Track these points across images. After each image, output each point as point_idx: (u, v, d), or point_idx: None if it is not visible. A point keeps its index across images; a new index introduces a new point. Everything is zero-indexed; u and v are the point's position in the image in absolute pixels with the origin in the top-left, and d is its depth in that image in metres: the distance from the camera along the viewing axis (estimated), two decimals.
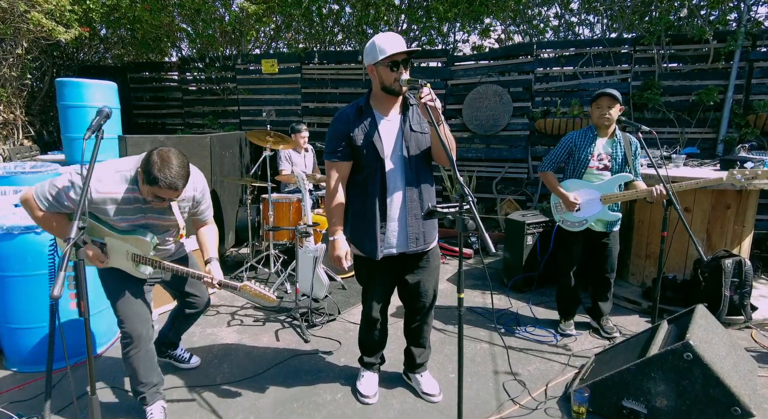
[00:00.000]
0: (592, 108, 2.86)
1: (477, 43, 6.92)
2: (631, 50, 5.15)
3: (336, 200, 2.17)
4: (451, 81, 5.91)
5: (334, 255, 2.16)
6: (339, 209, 2.18)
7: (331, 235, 2.19)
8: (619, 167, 2.86)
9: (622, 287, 3.78)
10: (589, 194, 2.87)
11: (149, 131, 7.42)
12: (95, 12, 5.77)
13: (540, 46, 5.64)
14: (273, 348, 2.97)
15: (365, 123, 2.10)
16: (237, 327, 3.26)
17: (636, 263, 3.82)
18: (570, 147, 2.93)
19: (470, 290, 3.99)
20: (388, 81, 2.03)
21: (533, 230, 3.87)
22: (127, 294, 2.10)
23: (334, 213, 2.18)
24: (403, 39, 2.01)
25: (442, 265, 4.67)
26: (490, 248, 1.49)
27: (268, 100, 6.74)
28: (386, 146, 2.09)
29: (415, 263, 2.26)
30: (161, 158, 1.77)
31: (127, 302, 2.09)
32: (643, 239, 3.73)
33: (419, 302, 2.34)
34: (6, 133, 5.81)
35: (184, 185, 1.85)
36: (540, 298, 3.80)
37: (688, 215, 3.47)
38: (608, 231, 2.94)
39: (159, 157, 1.77)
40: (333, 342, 3.04)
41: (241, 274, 4.14)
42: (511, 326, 3.31)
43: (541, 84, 5.57)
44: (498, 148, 5.86)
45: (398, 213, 2.12)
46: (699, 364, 1.95)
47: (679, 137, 5.05)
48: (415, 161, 2.12)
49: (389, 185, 2.10)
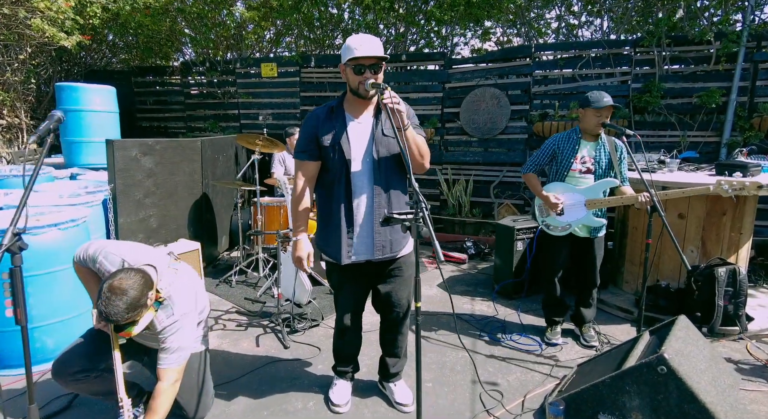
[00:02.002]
0: (587, 114, 2.76)
1: (477, 46, 6.86)
2: (632, 52, 5.03)
3: (300, 199, 2.14)
4: (448, 84, 5.85)
5: (295, 256, 2.13)
6: (303, 210, 2.14)
7: (294, 235, 2.16)
8: (604, 171, 2.78)
9: (615, 295, 3.68)
10: (573, 198, 2.80)
11: (152, 135, 7.51)
12: (96, 19, 5.85)
13: (538, 49, 5.55)
14: (251, 354, 2.95)
15: (335, 124, 2.07)
16: (219, 332, 3.24)
17: (630, 270, 3.71)
18: (553, 150, 2.86)
19: (459, 297, 3.92)
20: (353, 83, 1.99)
21: (523, 236, 3.80)
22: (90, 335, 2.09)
23: (298, 214, 2.15)
24: (379, 43, 1.97)
25: (435, 270, 4.61)
26: (439, 256, 1.44)
27: (267, 103, 6.78)
28: (354, 149, 2.05)
29: (386, 271, 2.21)
30: (111, 292, 1.68)
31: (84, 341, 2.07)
32: (637, 246, 3.63)
33: (392, 312, 2.29)
34: (10, 136, 5.94)
35: (125, 319, 1.71)
36: (530, 305, 3.71)
37: (682, 222, 3.36)
38: (592, 237, 2.86)
39: (110, 290, 1.68)
40: (313, 349, 3.01)
41: (230, 277, 4.14)
42: (496, 334, 3.23)
43: (539, 87, 5.49)
44: (496, 151, 5.78)
45: (364, 219, 2.08)
46: (674, 378, 1.86)
47: (681, 140, 4.91)
48: (385, 165, 2.07)
49: (355, 189, 2.06)
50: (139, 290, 1.73)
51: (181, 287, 2.01)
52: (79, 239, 2.69)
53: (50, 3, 5.18)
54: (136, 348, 2.18)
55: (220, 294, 3.89)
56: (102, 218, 3.44)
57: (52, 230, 2.56)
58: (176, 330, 1.93)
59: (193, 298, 2.05)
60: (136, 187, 3.61)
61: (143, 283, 1.76)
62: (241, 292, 3.95)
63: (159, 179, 3.82)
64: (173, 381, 1.93)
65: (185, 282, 2.05)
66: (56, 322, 2.62)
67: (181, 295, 1.98)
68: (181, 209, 4.11)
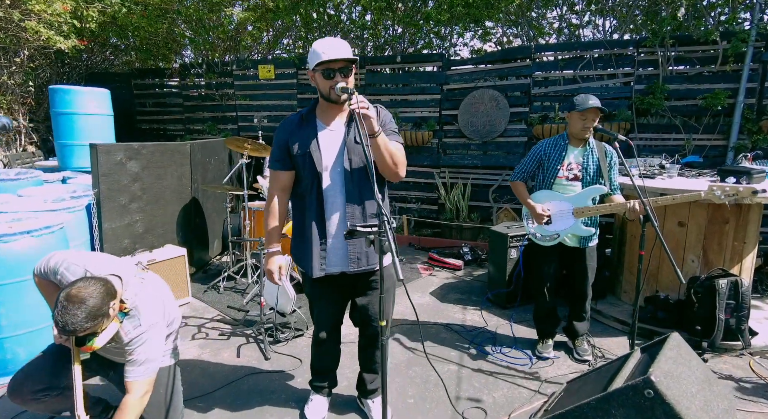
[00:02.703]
0: (573, 117, 2.67)
1: (477, 46, 6.73)
2: (635, 52, 4.88)
3: (272, 210, 2.05)
4: (447, 86, 5.74)
5: (266, 269, 2.05)
6: (275, 221, 2.06)
7: (266, 247, 2.07)
8: (592, 178, 2.66)
9: (613, 306, 3.54)
10: (560, 207, 2.67)
11: (152, 137, 7.51)
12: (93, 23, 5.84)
13: (539, 49, 5.42)
14: (231, 365, 2.86)
15: (305, 132, 1.98)
16: (200, 341, 3.17)
17: (628, 280, 3.57)
18: (540, 156, 2.75)
19: (451, 305, 3.80)
20: (324, 89, 1.90)
21: (517, 243, 3.67)
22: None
23: (270, 224, 2.07)
24: (347, 45, 1.87)
25: (429, 277, 4.50)
26: (398, 273, 1.33)
27: (265, 105, 6.72)
28: (325, 158, 1.96)
29: (363, 284, 2.11)
30: (68, 301, 1.60)
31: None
32: (636, 255, 3.47)
33: (369, 327, 2.19)
34: (7, 139, 5.94)
35: (84, 330, 1.63)
36: (524, 315, 3.58)
37: (682, 230, 3.21)
38: (582, 247, 2.74)
39: (66, 299, 1.61)
40: (294, 360, 2.91)
41: (218, 284, 4.07)
42: (485, 346, 3.12)
43: (539, 88, 5.35)
44: (495, 154, 5.65)
45: (337, 230, 1.98)
46: (661, 403, 1.73)
47: (686, 144, 4.75)
48: (358, 175, 1.97)
49: (327, 200, 1.97)
50: (100, 299, 1.64)
51: (148, 297, 1.93)
52: (53, 247, 2.62)
53: (46, 6, 5.17)
54: (100, 363, 2.10)
55: (207, 301, 3.81)
56: (86, 224, 3.39)
57: (25, 238, 2.50)
58: (143, 341, 1.85)
59: (161, 309, 1.97)
60: (121, 192, 3.55)
61: (104, 292, 1.68)
62: (229, 299, 3.88)
63: (146, 183, 3.76)
64: (141, 393, 1.85)
65: (152, 293, 1.97)
66: (28, 332, 2.55)
67: (148, 305, 1.90)
68: (169, 213, 4.05)
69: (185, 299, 3.75)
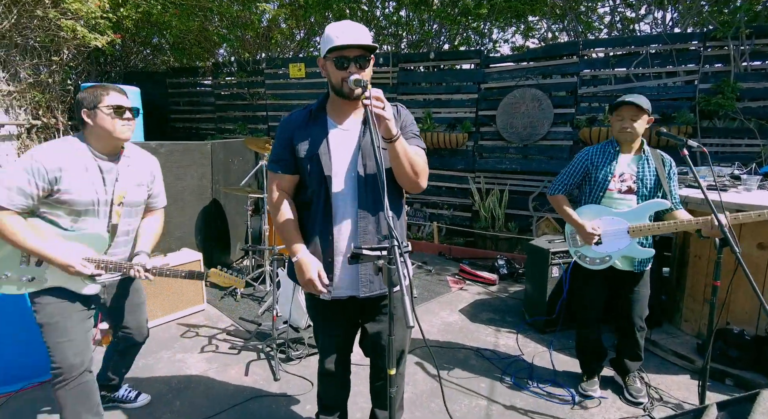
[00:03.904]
0: (612, 120, 2.29)
1: (519, 43, 6.29)
2: (700, 47, 4.33)
3: (282, 214, 1.72)
4: (484, 85, 5.35)
5: (305, 279, 1.65)
6: (290, 224, 1.72)
7: (292, 255, 1.71)
8: (650, 191, 2.25)
9: (672, 336, 3.07)
10: (612, 224, 2.27)
11: (184, 136, 7.52)
12: (129, 20, 5.86)
13: (587, 45, 4.94)
14: (237, 385, 2.64)
15: (313, 131, 1.69)
16: (209, 354, 2.96)
17: (691, 307, 3.08)
18: (586, 165, 2.36)
19: (483, 326, 3.44)
20: (335, 80, 1.61)
21: (559, 261, 3.26)
22: (62, 318, 1.84)
23: (286, 229, 1.73)
24: (365, 30, 1.58)
25: (459, 292, 4.14)
26: (407, 319, 1.02)
27: (295, 105, 6.54)
28: (336, 162, 1.66)
29: (376, 307, 1.81)
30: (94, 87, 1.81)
31: (60, 328, 1.83)
32: (701, 279, 3.00)
33: (382, 357, 1.88)
34: (45, 136, 6.05)
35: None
36: (565, 341, 3.18)
37: (762, 254, 2.71)
38: (636, 271, 2.32)
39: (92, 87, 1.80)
40: (305, 383, 2.65)
41: (236, 290, 3.89)
42: (521, 377, 2.74)
43: (587, 88, 4.88)
44: (536, 159, 5.21)
45: (347, 247, 1.69)
46: None
47: (762, 150, 4.15)
48: (374, 183, 1.66)
49: (336, 211, 1.67)
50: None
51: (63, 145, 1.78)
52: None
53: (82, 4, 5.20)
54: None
55: (222, 309, 3.63)
56: None
57: None
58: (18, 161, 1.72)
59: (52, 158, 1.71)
60: None
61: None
62: (245, 307, 3.68)
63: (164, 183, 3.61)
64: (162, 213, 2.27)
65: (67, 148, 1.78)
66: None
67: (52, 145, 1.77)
68: (188, 215, 3.90)
69: (200, 306, 3.58)
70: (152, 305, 3.26)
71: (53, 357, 1.82)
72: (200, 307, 3.59)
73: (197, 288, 3.55)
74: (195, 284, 3.52)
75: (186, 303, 3.48)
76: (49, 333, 1.82)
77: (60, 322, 1.83)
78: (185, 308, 3.47)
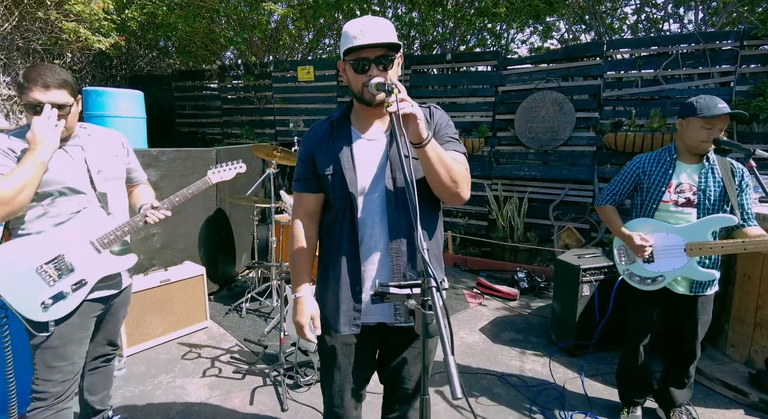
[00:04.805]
0: (692, 125, 2.00)
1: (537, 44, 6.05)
2: (737, 46, 4.06)
3: (298, 239, 1.54)
4: (502, 87, 5.11)
5: (295, 321, 1.51)
6: (301, 257, 1.55)
7: (294, 291, 1.55)
8: (713, 204, 1.99)
9: (717, 363, 2.79)
10: (667, 240, 2.02)
11: (190, 141, 7.34)
12: (134, 22, 5.70)
13: (611, 46, 4.68)
14: (242, 414, 2.41)
15: (336, 144, 1.47)
16: (212, 379, 2.74)
17: (739, 331, 2.81)
18: (637, 174, 2.12)
19: (507, 348, 3.18)
20: (355, 86, 1.39)
21: (591, 278, 3.00)
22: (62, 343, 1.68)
23: (297, 262, 1.56)
24: (388, 26, 1.35)
25: (479, 308, 3.89)
26: (455, 391, 0.79)
27: (303, 109, 6.35)
28: (361, 176, 1.44)
29: (399, 336, 1.57)
30: (28, 69, 1.62)
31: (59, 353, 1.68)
32: (751, 300, 2.73)
33: (400, 389, 1.63)
34: None
35: (56, 85, 1.59)
36: (598, 366, 2.92)
37: None
38: (695, 294, 2.06)
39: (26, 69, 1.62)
40: (315, 413, 2.41)
41: (241, 305, 3.66)
42: (552, 408, 2.49)
43: (611, 91, 4.62)
44: (557, 166, 4.95)
45: (378, 272, 1.46)
46: None
47: None
48: (405, 197, 1.43)
49: (364, 231, 1.44)
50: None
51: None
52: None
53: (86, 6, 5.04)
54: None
55: (227, 327, 3.41)
56: None
57: None
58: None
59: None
60: None
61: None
62: (251, 324, 3.46)
63: (165, 193, 3.39)
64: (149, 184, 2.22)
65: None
66: None
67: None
68: (191, 226, 3.69)
69: (202, 323, 3.36)
70: (152, 324, 3.05)
71: (37, 379, 1.67)
72: (203, 324, 3.36)
73: (200, 304, 3.33)
74: (197, 300, 3.30)
75: (188, 321, 3.26)
76: (44, 356, 1.67)
77: (59, 347, 1.68)
78: (187, 326, 3.25)
